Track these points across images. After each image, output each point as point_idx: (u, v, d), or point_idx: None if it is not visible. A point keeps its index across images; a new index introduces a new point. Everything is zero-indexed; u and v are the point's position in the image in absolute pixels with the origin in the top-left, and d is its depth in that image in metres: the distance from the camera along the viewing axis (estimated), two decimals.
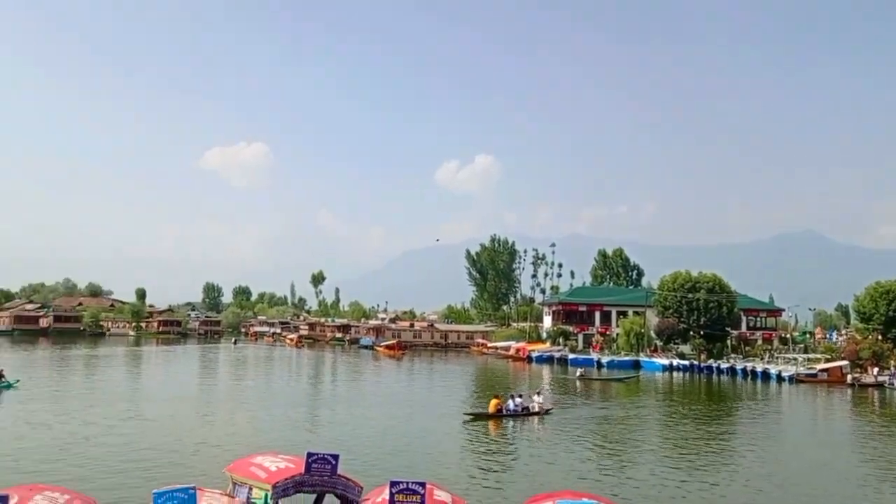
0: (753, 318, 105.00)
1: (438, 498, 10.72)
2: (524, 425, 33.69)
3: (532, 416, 35.56)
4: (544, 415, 36.10)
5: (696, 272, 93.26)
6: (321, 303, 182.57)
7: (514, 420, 34.57)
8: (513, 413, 35.16)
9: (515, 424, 33.68)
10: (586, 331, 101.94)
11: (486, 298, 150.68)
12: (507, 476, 22.53)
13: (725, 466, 25.59)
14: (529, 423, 34.44)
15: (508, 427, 33.07)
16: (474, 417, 34.46)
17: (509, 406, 35.55)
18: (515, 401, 36.04)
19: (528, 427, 33.39)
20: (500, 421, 34.17)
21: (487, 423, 33.63)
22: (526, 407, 36.09)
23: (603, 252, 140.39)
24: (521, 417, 35.06)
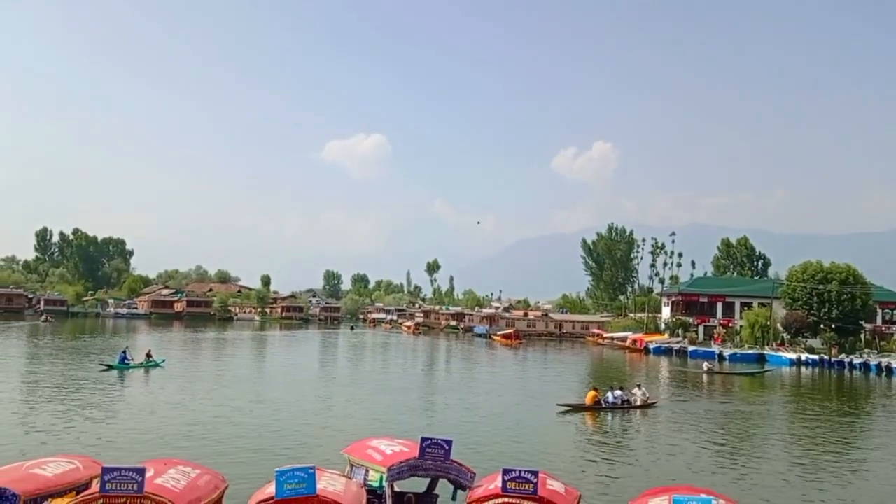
0: (890, 312, 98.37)
1: (551, 487, 10.85)
2: (625, 418, 32.83)
3: (633, 410, 34.43)
4: (647, 408, 34.93)
5: (828, 262, 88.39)
6: (436, 291, 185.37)
7: (613, 413, 33.56)
8: (612, 406, 34.15)
9: (615, 417, 32.86)
10: (707, 322, 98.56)
11: (603, 288, 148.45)
12: (620, 468, 22.29)
13: (853, 469, 24.28)
14: (630, 416, 33.52)
15: (609, 420, 32.30)
16: (570, 409, 33.57)
17: (608, 398, 34.55)
18: (615, 393, 34.97)
19: (632, 420, 32.67)
20: (597, 414, 33.24)
21: (584, 416, 32.93)
22: (626, 400, 34.94)
23: (726, 241, 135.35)
24: (620, 410, 33.99)
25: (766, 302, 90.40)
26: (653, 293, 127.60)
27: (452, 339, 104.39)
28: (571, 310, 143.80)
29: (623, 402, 34.54)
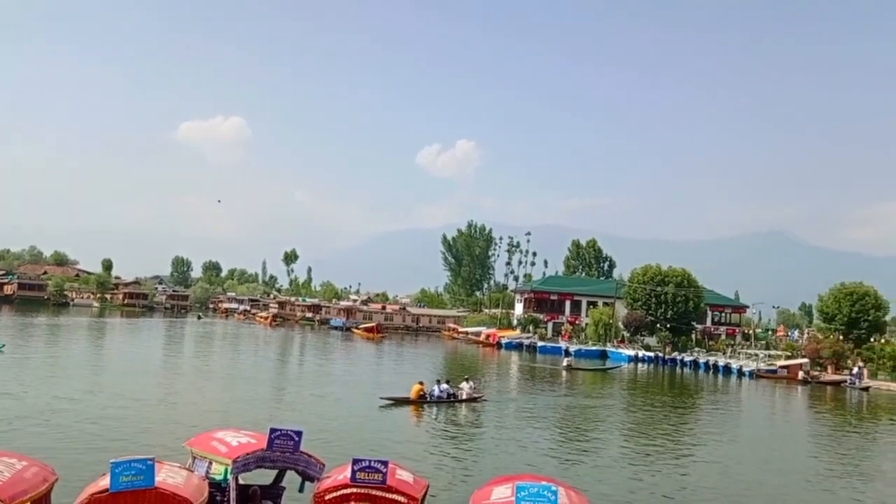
0: (718, 314, 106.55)
1: (400, 476, 10.93)
2: (453, 412, 32.33)
3: (460, 403, 34.03)
4: (473, 402, 34.56)
5: (667, 266, 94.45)
6: (292, 281, 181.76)
7: (439, 407, 32.96)
8: (437, 399, 33.64)
9: (440, 411, 32.18)
10: (556, 319, 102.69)
11: (460, 284, 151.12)
12: (466, 459, 22.82)
13: (683, 454, 26.18)
14: (457, 409, 33.00)
15: (445, 413, 31.65)
16: (393, 402, 32.60)
17: (434, 392, 33.98)
18: (441, 386, 34.43)
19: (476, 413, 33.30)
20: (422, 407, 32.64)
21: (414, 409, 32.22)
22: (452, 393, 34.50)
23: (577, 242, 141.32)
24: (446, 404, 33.46)
25: (610, 301, 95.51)
26: (507, 290, 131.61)
27: (308, 331, 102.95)
28: (429, 304, 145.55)
29: (449, 396, 34.15)
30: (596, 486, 19.45)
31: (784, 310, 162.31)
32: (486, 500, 9.94)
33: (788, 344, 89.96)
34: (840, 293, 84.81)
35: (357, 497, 10.23)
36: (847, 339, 78.53)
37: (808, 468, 25.87)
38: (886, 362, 72.80)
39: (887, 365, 71.87)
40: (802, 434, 36.17)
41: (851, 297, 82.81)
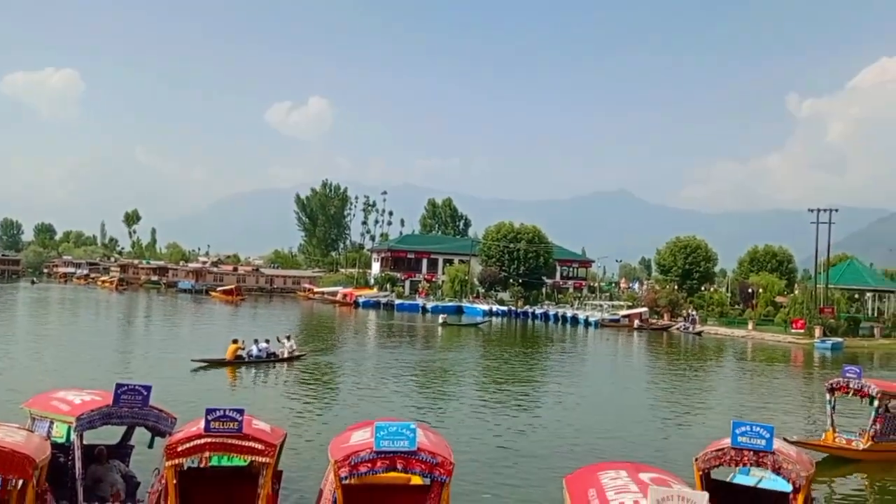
0: (567, 269, 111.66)
1: (257, 426, 10.71)
2: (301, 368, 31.52)
3: (281, 363, 32.54)
4: (295, 360, 33.23)
5: (519, 224, 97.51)
6: (135, 244, 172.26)
7: (258, 367, 31.25)
8: (256, 358, 31.95)
9: (259, 372, 30.60)
10: (413, 277, 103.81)
11: (315, 244, 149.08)
12: (326, 412, 22.77)
13: (534, 400, 27.43)
14: (278, 369, 31.54)
15: (288, 371, 30.70)
16: (207, 364, 30.31)
17: (252, 351, 32.22)
18: (260, 345, 32.64)
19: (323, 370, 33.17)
20: (236, 369, 30.71)
21: (230, 371, 30.41)
22: (273, 352, 32.95)
23: (432, 202, 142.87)
24: (265, 364, 31.83)
25: (465, 259, 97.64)
26: (364, 249, 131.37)
27: (156, 295, 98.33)
28: (283, 265, 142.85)
29: (269, 355, 32.58)
30: (453, 429, 20.00)
31: (626, 264, 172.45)
32: (346, 444, 9.94)
33: (630, 295, 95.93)
34: (675, 247, 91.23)
35: (212, 447, 9.90)
36: (681, 289, 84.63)
37: (646, 405, 27.85)
38: (715, 309, 79.28)
39: (715, 311, 78.26)
40: (642, 374, 38.81)
41: (685, 251, 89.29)
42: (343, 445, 9.89)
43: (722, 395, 31.95)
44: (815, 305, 66.94)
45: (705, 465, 10.47)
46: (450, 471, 9.26)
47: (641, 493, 7.22)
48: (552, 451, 18.63)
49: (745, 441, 10.11)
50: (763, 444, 10.04)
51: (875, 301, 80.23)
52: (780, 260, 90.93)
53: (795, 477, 9.78)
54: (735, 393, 32.94)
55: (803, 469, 9.90)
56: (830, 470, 17.84)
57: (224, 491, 10.99)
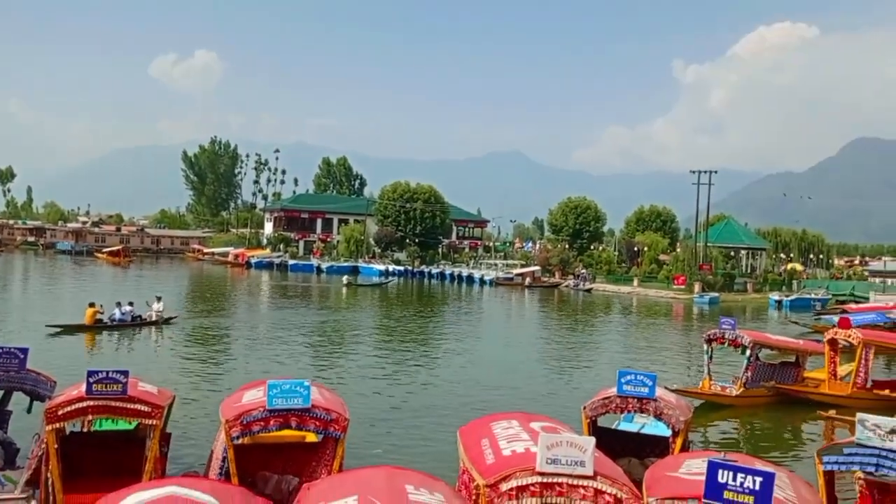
0: (463, 228, 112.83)
1: (143, 388, 10.32)
2: (140, 335, 29.41)
3: (149, 327, 30.75)
4: (164, 324, 31.43)
5: (415, 183, 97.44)
6: (9, 203, 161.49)
7: (122, 332, 29.49)
8: (119, 322, 30.13)
9: (124, 336, 28.87)
10: (308, 238, 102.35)
11: (204, 203, 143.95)
12: (217, 374, 22.26)
13: (430, 357, 27.75)
14: (147, 333, 29.90)
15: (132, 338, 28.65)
16: (62, 329, 28.43)
17: (115, 315, 30.26)
18: (124, 309, 30.71)
19: (213, 332, 32.75)
20: (96, 334, 28.70)
21: (89, 337, 28.44)
22: (139, 316, 31.08)
23: (327, 160, 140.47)
24: (131, 328, 30.03)
25: (361, 218, 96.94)
26: (256, 209, 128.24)
27: (33, 256, 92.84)
28: (170, 225, 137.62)
29: (134, 319, 30.77)
30: (349, 386, 19.99)
31: (520, 224, 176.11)
32: (238, 404, 9.73)
33: (523, 254, 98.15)
34: (566, 207, 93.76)
35: (94, 410, 9.47)
36: (572, 248, 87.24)
37: (538, 359, 28.73)
38: (603, 267, 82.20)
39: (604, 269, 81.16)
40: (534, 331, 39.89)
41: (576, 211, 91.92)
42: (235, 405, 9.68)
43: (609, 348, 33.29)
44: (695, 263, 70.52)
45: (593, 412, 10.88)
46: (345, 427, 9.23)
47: (532, 441, 7.40)
48: (447, 406, 18.92)
49: (629, 389, 10.56)
50: (646, 391, 10.51)
51: (749, 258, 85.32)
52: (663, 220, 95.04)
53: (675, 422, 10.30)
54: (621, 346, 34.43)
55: (682, 414, 10.43)
56: (707, 415, 18.95)
57: (111, 455, 10.60)
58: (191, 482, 6.19)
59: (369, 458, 12.70)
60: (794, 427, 18.92)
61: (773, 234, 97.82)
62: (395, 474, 6.49)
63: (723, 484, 6.21)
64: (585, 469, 6.73)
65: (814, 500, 7.32)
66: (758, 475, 6.15)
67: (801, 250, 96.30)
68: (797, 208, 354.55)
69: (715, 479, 6.25)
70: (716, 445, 15.67)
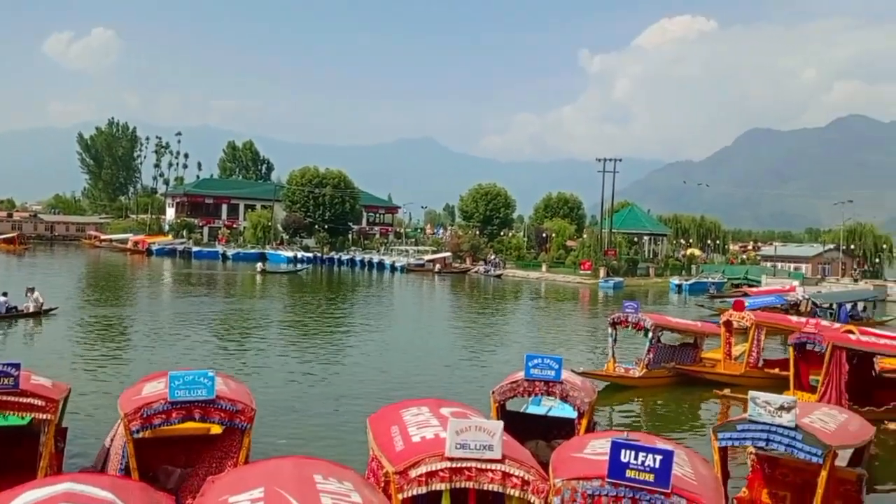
0: (373, 215, 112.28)
1: (36, 381, 9.83)
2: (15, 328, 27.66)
3: (27, 318, 29.03)
4: (42, 315, 29.68)
5: (324, 169, 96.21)
6: None
7: None
8: None
9: None
10: (212, 224, 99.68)
11: (102, 188, 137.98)
12: (117, 365, 21.42)
13: (339, 346, 27.51)
14: (22, 325, 28.19)
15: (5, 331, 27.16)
16: None
17: None
18: None
19: (109, 322, 31.50)
20: None
21: None
22: (14, 307, 29.26)
23: (232, 144, 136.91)
24: (5, 320, 28.17)
25: (269, 204, 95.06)
26: (157, 194, 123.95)
27: None
28: (65, 211, 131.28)
29: (9, 310, 28.93)
30: (255, 377, 19.60)
31: (431, 210, 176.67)
32: (137, 396, 9.40)
33: (435, 240, 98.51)
34: (477, 193, 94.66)
35: None
36: (483, 234, 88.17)
37: (449, 345, 28.96)
38: (513, 253, 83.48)
39: (513, 255, 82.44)
40: (445, 317, 40.12)
41: (486, 197, 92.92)
42: (134, 398, 9.36)
43: (518, 332, 33.84)
44: (600, 248, 72.50)
45: (501, 396, 11.03)
46: (251, 418, 9.06)
47: (442, 427, 7.43)
48: (357, 394, 18.80)
49: (536, 373, 10.75)
50: (553, 374, 10.73)
51: (651, 244, 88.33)
52: (571, 206, 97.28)
53: (580, 404, 10.56)
54: (530, 330, 35.09)
55: (587, 396, 10.71)
56: (611, 396, 19.54)
57: (3, 451, 10.12)
58: (88, 478, 5.97)
59: (277, 449, 12.49)
60: (693, 406, 19.73)
61: (674, 221, 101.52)
62: (303, 464, 6.40)
63: (625, 463, 6.41)
64: (494, 453, 6.81)
65: (709, 475, 7.64)
66: (657, 453, 6.38)
67: (700, 236, 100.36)
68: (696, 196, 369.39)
69: (618, 458, 6.45)
70: (619, 426, 16.16)
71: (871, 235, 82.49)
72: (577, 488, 6.59)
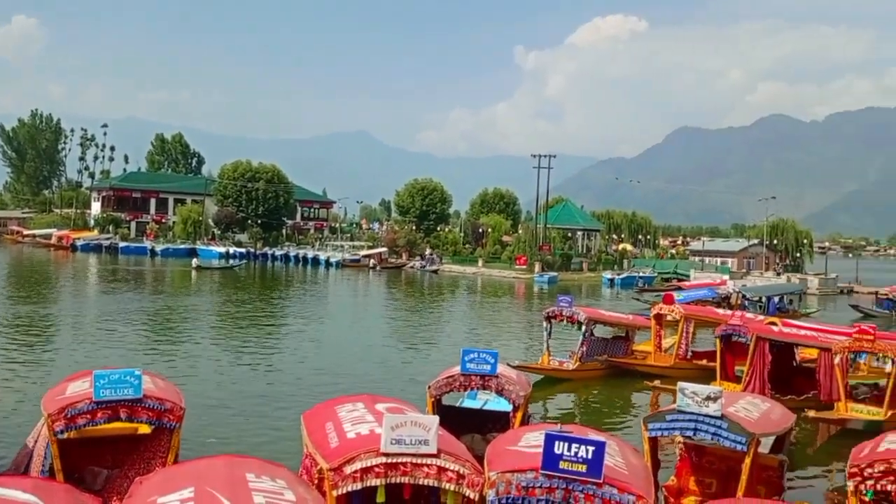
0: (308, 209, 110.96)
1: None
2: None
3: None
4: None
5: (257, 163, 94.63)
6: None
7: None
8: None
9: None
10: (140, 218, 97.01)
11: (24, 182, 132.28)
12: (39, 364, 20.64)
13: (273, 343, 27.10)
14: None
15: None
16: None
17: None
18: None
19: (33, 320, 30.63)
20: None
21: None
22: None
23: (161, 137, 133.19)
24: None
25: (199, 199, 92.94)
26: (82, 188, 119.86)
27: None
28: None
29: None
30: (185, 375, 19.14)
31: (367, 205, 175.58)
32: (61, 396, 9.08)
33: (371, 235, 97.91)
34: (413, 189, 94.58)
35: None
36: (419, 230, 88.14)
37: (385, 341, 28.87)
38: (449, 248, 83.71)
39: (450, 250, 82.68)
40: (381, 312, 40.01)
41: (423, 192, 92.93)
42: (58, 398, 9.04)
43: (455, 327, 33.98)
44: (535, 243, 73.37)
45: (437, 391, 11.05)
46: (180, 417, 8.85)
47: (377, 423, 7.40)
48: (292, 391, 18.57)
49: (472, 367, 10.80)
50: (488, 369, 10.79)
51: (584, 239, 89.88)
52: (506, 202, 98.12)
53: (515, 397, 10.66)
54: (466, 325, 35.26)
55: (522, 390, 10.81)
56: (546, 389, 19.79)
57: None
58: (10, 481, 5.78)
59: (207, 448, 12.23)
60: (625, 397, 20.16)
61: (607, 217, 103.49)
62: (235, 463, 6.29)
63: (559, 455, 6.50)
64: (429, 448, 6.81)
65: (640, 465, 7.81)
66: (590, 445, 6.49)
67: (632, 231, 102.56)
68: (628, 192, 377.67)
69: (551, 450, 6.53)
70: (554, 418, 16.39)
71: (793, 231, 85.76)
72: (511, 481, 6.65)
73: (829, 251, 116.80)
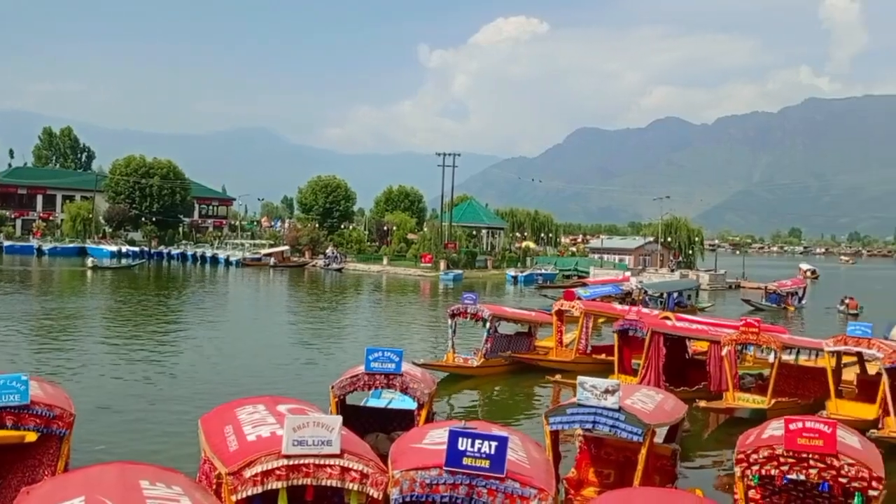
0: (206, 207, 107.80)
1: None
2: None
3: None
4: None
5: (152, 158, 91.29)
6: None
7: None
8: None
9: None
10: (26, 216, 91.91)
11: None
12: None
13: (170, 345, 26.21)
14: None
15: None
16: None
17: None
18: None
19: None
20: None
21: None
22: None
23: (49, 130, 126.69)
24: None
25: (90, 195, 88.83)
26: None
27: None
28: None
29: None
30: (76, 380, 18.28)
31: (268, 202, 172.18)
32: None
33: (272, 233, 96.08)
34: (317, 186, 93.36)
35: None
36: (322, 227, 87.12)
37: (288, 341, 28.46)
38: (354, 246, 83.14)
39: (354, 248, 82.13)
40: (283, 312, 39.35)
41: (326, 190, 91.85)
42: None
43: (359, 326, 33.78)
44: (440, 241, 73.80)
45: (341, 391, 10.92)
46: (70, 423, 8.42)
47: (279, 424, 7.25)
48: (189, 395, 17.97)
49: (377, 366, 10.73)
50: (393, 367, 10.75)
51: (489, 237, 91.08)
52: (411, 200, 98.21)
53: (420, 395, 10.67)
54: (371, 324, 35.12)
55: (426, 387, 10.83)
56: (451, 386, 19.93)
57: None
58: None
59: (99, 456, 11.69)
60: (528, 392, 20.54)
61: (510, 215, 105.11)
62: (128, 470, 6.03)
63: (462, 451, 6.55)
64: (332, 448, 6.72)
65: (541, 458, 7.96)
66: (493, 440, 6.57)
67: (534, 229, 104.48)
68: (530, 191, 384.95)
69: (455, 446, 6.57)
70: (458, 415, 16.53)
71: (686, 229, 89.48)
72: (415, 478, 6.65)
73: (718, 248, 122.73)
